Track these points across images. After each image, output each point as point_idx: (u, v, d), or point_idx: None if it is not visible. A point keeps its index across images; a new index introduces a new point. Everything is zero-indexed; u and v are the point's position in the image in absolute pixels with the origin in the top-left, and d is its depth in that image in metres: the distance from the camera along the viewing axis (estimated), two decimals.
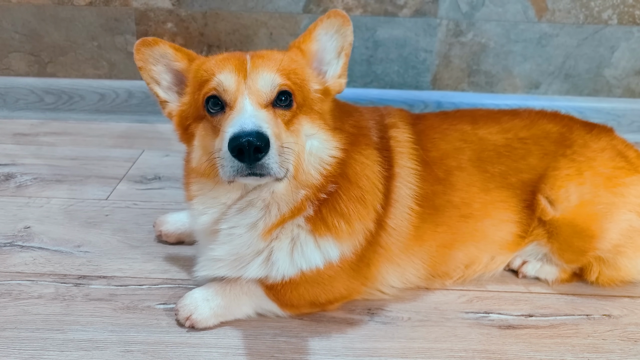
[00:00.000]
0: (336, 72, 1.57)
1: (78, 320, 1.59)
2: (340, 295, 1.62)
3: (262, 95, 1.38)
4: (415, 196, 1.62)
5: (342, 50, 1.55)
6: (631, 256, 1.69)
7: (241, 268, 1.53)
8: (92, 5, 2.75)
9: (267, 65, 1.41)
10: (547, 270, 1.80)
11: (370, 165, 1.56)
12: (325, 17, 1.51)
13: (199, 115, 1.47)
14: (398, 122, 1.73)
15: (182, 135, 1.56)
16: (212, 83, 1.40)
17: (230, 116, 1.35)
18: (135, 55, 1.51)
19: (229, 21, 2.78)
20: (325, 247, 1.51)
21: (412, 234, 1.63)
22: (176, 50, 1.53)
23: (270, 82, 1.39)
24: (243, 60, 1.42)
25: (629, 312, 1.70)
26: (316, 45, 1.54)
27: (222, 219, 1.52)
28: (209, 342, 1.53)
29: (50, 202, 2.18)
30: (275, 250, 1.51)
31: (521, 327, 1.63)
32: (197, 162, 1.50)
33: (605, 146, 1.77)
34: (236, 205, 1.50)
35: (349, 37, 1.53)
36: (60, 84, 2.90)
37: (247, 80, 1.38)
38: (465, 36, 2.81)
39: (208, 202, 1.54)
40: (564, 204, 1.68)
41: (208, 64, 1.46)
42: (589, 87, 2.93)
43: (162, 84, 1.56)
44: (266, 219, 1.48)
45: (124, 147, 2.67)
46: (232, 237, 1.51)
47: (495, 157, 1.72)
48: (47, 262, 1.83)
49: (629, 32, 2.79)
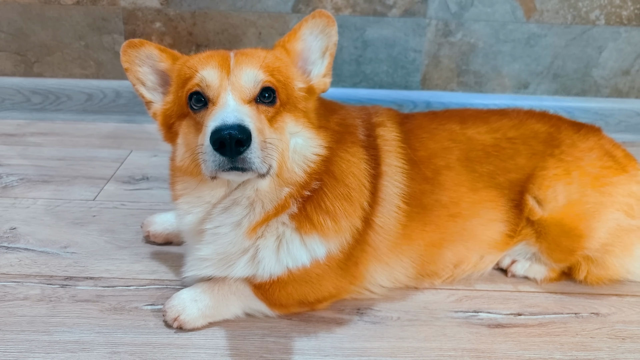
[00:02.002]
0: (321, 71, 1.57)
1: (64, 322, 1.57)
2: (329, 294, 1.61)
3: (245, 91, 1.39)
4: (402, 195, 1.62)
5: (327, 50, 1.56)
6: (619, 255, 1.70)
7: (228, 267, 1.53)
8: (79, 4, 2.73)
9: (250, 62, 1.42)
10: (536, 270, 1.80)
11: (357, 162, 1.56)
12: (310, 17, 1.52)
13: (183, 113, 1.47)
14: (386, 120, 1.73)
15: (166, 134, 1.56)
16: (195, 79, 1.40)
17: (213, 111, 1.35)
18: (122, 57, 1.53)
19: (217, 21, 2.77)
20: (311, 244, 1.51)
21: (400, 233, 1.63)
22: (161, 51, 1.54)
23: (254, 78, 1.39)
24: (226, 57, 1.44)
25: (617, 310, 1.71)
26: (301, 45, 1.55)
27: (207, 218, 1.52)
28: (197, 343, 1.52)
29: (36, 202, 2.16)
30: (261, 248, 1.51)
31: (510, 325, 1.64)
32: (180, 160, 1.51)
33: (593, 146, 1.78)
34: (221, 204, 1.50)
35: (333, 37, 1.54)
36: (47, 83, 2.87)
37: (230, 76, 1.39)
38: (455, 36, 2.81)
39: (193, 201, 1.53)
40: (552, 204, 1.69)
41: (191, 61, 1.47)
42: (577, 87, 2.95)
43: (147, 85, 1.57)
44: (250, 217, 1.48)
45: (112, 148, 2.65)
46: (218, 236, 1.51)
47: (484, 156, 1.73)
48: (33, 263, 1.81)
49: (616, 32, 2.81)
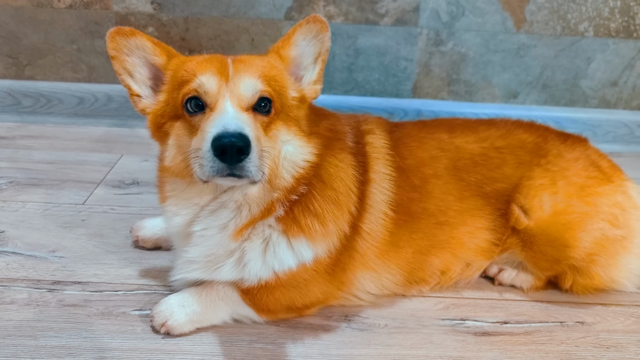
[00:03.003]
0: (312, 77, 1.58)
1: (51, 327, 1.56)
2: (316, 299, 1.62)
3: (243, 99, 1.39)
4: (390, 202, 1.64)
5: (320, 56, 1.57)
6: (604, 265, 1.72)
7: (214, 270, 1.53)
8: (72, 8, 2.73)
9: (249, 71, 1.42)
10: (523, 278, 1.82)
11: (345, 168, 1.58)
12: (305, 22, 1.52)
13: (176, 115, 1.46)
14: (374, 128, 1.74)
15: (156, 133, 1.54)
16: (194, 84, 1.39)
17: (212, 117, 1.35)
18: (109, 44, 1.46)
19: (210, 26, 2.78)
20: (298, 248, 1.52)
21: (387, 240, 1.64)
22: (155, 44, 1.50)
23: (252, 88, 1.40)
24: (225, 63, 1.43)
25: (601, 319, 1.73)
26: (295, 51, 1.55)
27: (195, 220, 1.52)
28: (184, 349, 1.52)
29: (25, 206, 2.15)
30: (247, 250, 1.52)
31: (496, 333, 1.65)
32: (171, 161, 1.50)
33: (579, 156, 1.80)
34: (209, 206, 1.51)
35: (326, 43, 1.54)
36: (38, 86, 2.87)
37: (229, 83, 1.39)
38: (445, 45, 2.84)
39: (181, 203, 1.54)
40: (538, 213, 1.71)
41: (189, 64, 1.46)
42: (566, 98, 2.98)
43: (136, 77, 1.53)
44: (237, 220, 1.49)
45: (103, 152, 2.64)
46: (204, 238, 1.51)
47: (471, 165, 1.74)
48: (21, 267, 1.80)
49: (604, 44, 2.85)
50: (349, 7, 2.74)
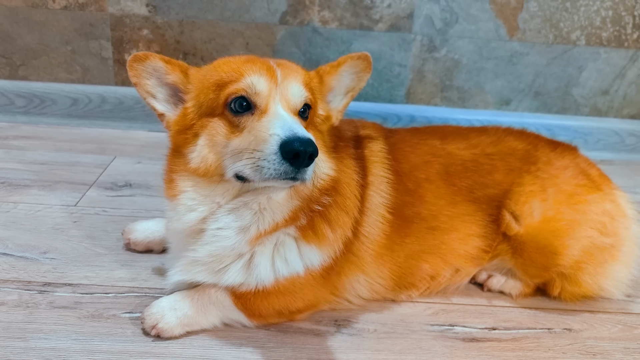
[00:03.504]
0: (338, 107, 1.65)
1: (41, 329, 1.56)
2: (309, 304, 1.63)
3: (291, 104, 1.42)
4: (387, 204, 1.66)
5: (352, 91, 1.64)
6: (592, 272, 1.73)
7: (219, 272, 1.53)
8: (66, 9, 2.73)
9: (295, 77, 1.46)
10: (511, 285, 1.83)
11: (350, 173, 1.60)
12: (356, 57, 1.58)
13: (213, 113, 1.45)
14: (372, 133, 1.77)
15: (181, 136, 1.51)
16: (241, 84, 1.40)
17: (267, 119, 1.37)
18: (130, 72, 1.49)
19: (205, 30, 2.78)
20: (307, 253, 1.53)
21: (383, 243, 1.66)
22: (166, 62, 1.51)
23: (300, 93, 1.44)
24: (271, 66, 1.45)
25: (589, 326, 1.74)
26: (336, 80, 1.61)
27: (210, 217, 1.50)
28: (174, 352, 1.52)
29: (17, 207, 2.15)
30: (258, 254, 1.51)
31: (485, 340, 1.66)
32: (200, 161, 1.46)
33: (568, 164, 1.82)
34: (229, 204, 1.49)
35: (363, 82, 1.62)
36: (32, 87, 2.87)
37: (278, 86, 1.42)
38: (439, 52, 2.86)
39: (199, 198, 1.50)
40: (528, 220, 1.72)
41: (227, 66, 1.46)
42: (558, 105, 3.00)
43: (158, 97, 1.54)
44: (259, 224, 1.47)
45: (95, 153, 2.64)
46: (218, 238, 1.49)
47: (463, 171, 1.76)
48: (12, 268, 1.80)
49: (596, 53, 2.88)
50: (343, 13, 2.76)
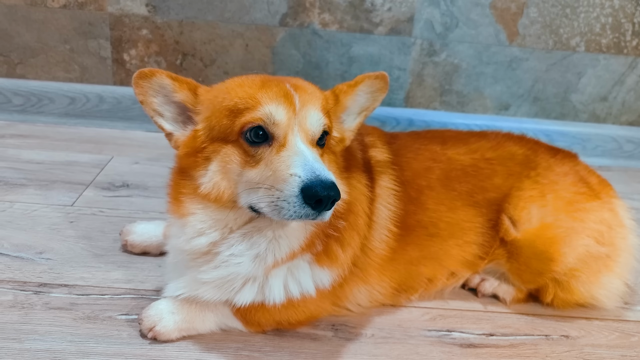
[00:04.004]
0: (351, 126, 1.59)
1: (36, 330, 1.55)
2: (311, 315, 1.62)
3: (310, 134, 1.35)
4: (393, 218, 1.64)
5: (366, 110, 1.58)
6: (585, 281, 1.72)
7: (230, 292, 1.48)
8: (66, 7, 2.72)
9: (314, 103, 1.38)
10: (504, 289, 1.83)
11: (361, 188, 1.57)
12: (373, 77, 1.53)
13: (226, 139, 1.37)
14: (376, 141, 1.74)
15: (190, 158, 1.44)
16: (259, 113, 1.32)
17: (284, 153, 1.30)
18: (135, 90, 1.42)
19: (204, 31, 2.78)
20: (319, 274, 1.52)
21: (387, 255, 1.65)
22: (174, 80, 1.43)
23: (319, 122, 1.37)
24: (287, 91, 1.36)
25: (586, 333, 1.74)
26: (352, 99, 1.55)
27: (222, 242, 1.44)
28: (170, 355, 1.51)
29: (13, 206, 2.13)
30: (272, 276, 1.48)
31: (482, 346, 1.66)
32: (212, 188, 1.39)
33: (568, 171, 1.81)
34: (241, 229, 1.44)
35: (377, 102, 1.57)
36: (29, 85, 2.85)
37: (297, 115, 1.34)
38: (439, 56, 2.86)
39: (209, 222, 1.44)
40: (526, 225, 1.72)
41: (242, 90, 1.37)
42: (556, 111, 3.01)
43: (165, 116, 1.47)
44: (276, 253, 1.42)
45: (93, 153, 2.63)
46: (230, 264, 1.44)
47: (463, 176, 1.76)
48: (7, 268, 1.79)
49: (595, 59, 2.88)
50: (344, 15, 2.75)
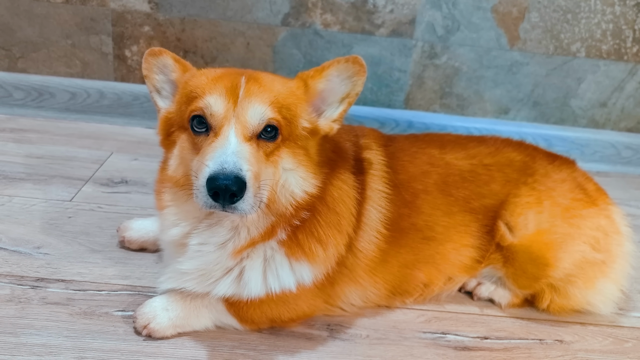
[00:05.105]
0: (333, 116, 1.52)
1: (32, 324, 1.56)
2: (303, 313, 1.63)
3: (248, 127, 1.35)
4: (384, 220, 1.64)
5: (347, 97, 1.51)
6: (581, 287, 1.73)
7: (210, 284, 1.52)
8: (68, 3, 2.72)
9: (260, 95, 1.37)
10: (500, 294, 1.83)
11: (347, 190, 1.57)
12: (344, 60, 1.46)
13: (184, 127, 1.45)
14: (372, 143, 1.74)
15: (164, 140, 1.55)
16: (200, 103, 1.36)
17: (213, 144, 1.33)
18: (143, 64, 1.53)
19: (206, 28, 2.78)
20: (299, 270, 1.52)
21: (377, 257, 1.65)
22: (175, 60, 1.52)
23: (260, 115, 1.35)
24: (237, 83, 1.38)
25: (580, 338, 1.75)
26: (324, 85, 1.49)
27: (192, 233, 1.51)
28: (165, 352, 1.52)
29: (12, 200, 2.14)
30: (247, 269, 1.51)
31: (476, 348, 1.67)
32: (173, 171, 1.50)
33: (565, 177, 1.82)
34: (207, 220, 1.50)
35: (358, 87, 1.49)
36: (30, 80, 2.85)
37: (236, 108, 1.35)
38: (440, 59, 2.86)
39: (180, 214, 1.53)
40: (522, 231, 1.72)
41: (201, 79, 1.43)
42: (556, 116, 3.01)
43: (162, 94, 1.57)
44: (235, 240, 1.48)
45: (92, 148, 2.63)
46: (201, 253, 1.50)
47: (460, 181, 1.76)
48: (5, 262, 1.79)
49: (595, 65, 2.89)
50: (345, 16, 2.76)
